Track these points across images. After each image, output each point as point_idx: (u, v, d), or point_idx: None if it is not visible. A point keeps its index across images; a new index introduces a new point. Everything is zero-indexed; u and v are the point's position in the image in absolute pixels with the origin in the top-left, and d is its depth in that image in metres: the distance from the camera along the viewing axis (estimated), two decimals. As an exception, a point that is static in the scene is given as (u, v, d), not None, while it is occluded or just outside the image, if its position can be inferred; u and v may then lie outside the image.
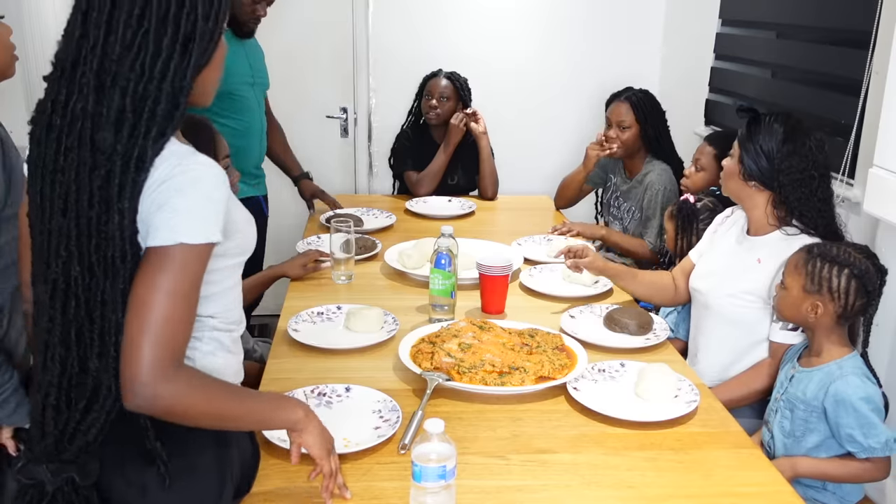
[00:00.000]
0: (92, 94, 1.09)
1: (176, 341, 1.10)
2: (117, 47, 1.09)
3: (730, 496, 1.39)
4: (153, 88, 1.10)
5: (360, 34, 3.78)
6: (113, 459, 1.18)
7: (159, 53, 1.10)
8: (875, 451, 1.65)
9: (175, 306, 1.08)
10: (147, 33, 1.09)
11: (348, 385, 1.66)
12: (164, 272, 1.08)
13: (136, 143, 1.08)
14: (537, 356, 1.78)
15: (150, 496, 1.18)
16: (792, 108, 2.91)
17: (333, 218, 2.51)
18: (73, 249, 1.11)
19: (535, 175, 3.95)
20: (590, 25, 3.92)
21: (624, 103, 2.94)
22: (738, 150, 1.96)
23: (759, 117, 1.95)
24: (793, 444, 1.76)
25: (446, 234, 2.02)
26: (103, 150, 1.08)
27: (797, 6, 2.89)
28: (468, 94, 3.28)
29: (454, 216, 3.06)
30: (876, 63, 2.31)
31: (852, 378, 1.68)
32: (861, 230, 2.35)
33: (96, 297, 1.12)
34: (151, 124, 1.09)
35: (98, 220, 1.09)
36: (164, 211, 1.08)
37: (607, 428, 1.58)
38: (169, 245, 1.08)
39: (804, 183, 1.90)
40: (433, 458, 1.24)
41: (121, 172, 1.08)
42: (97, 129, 1.09)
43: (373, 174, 4.01)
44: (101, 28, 1.10)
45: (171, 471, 1.17)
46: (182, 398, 1.10)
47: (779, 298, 1.82)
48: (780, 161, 1.90)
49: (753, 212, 2.01)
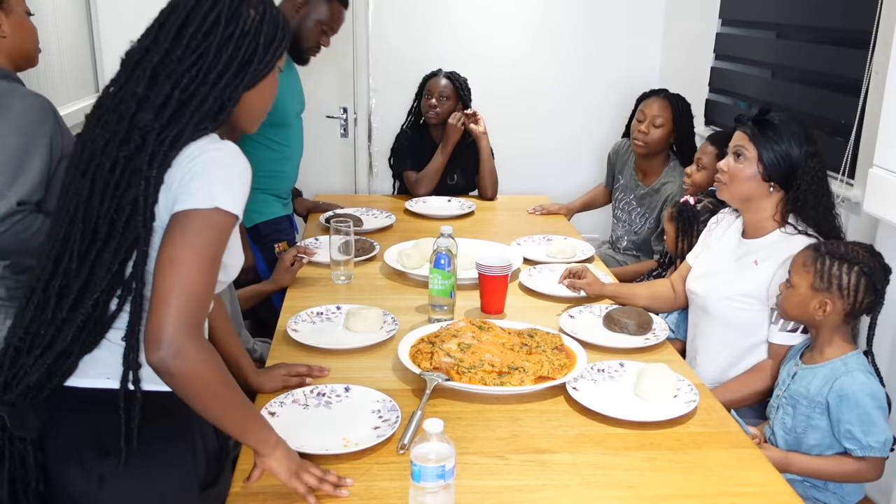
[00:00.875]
0: (145, 81, 1.21)
1: (201, 302, 1.16)
2: (180, 50, 1.22)
3: (729, 496, 1.39)
4: (204, 91, 1.22)
5: (360, 34, 3.78)
6: (68, 452, 1.22)
7: (217, 65, 1.23)
8: (873, 451, 1.65)
9: (204, 267, 1.16)
10: (210, 46, 1.23)
11: (348, 385, 1.66)
12: (197, 233, 1.15)
13: (175, 124, 1.19)
14: (537, 356, 1.78)
15: (107, 486, 1.22)
16: (792, 108, 2.92)
17: (333, 218, 2.51)
18: (81, 208, 1.20)
19: (535, 175, 3.95)
20: (590, 26, 3.92)
21: (662, 100, 2.91)
22: (755, 151, 1.90)
23: (771, 119, 1.91)
24: (794, 440, 1.76)
25: (446, 235, 2.02)
26: (140, 126, 1.19)
27: (797, 6, 2.89)
28: (468, 94, 3.28)
29: (454, 216, 3.06)
30: (876, 63, 2.31)
31: (858, 374, 1.69)
32: (861, 230, 2.35)
33: (90, 255, 1.19)
34: (195, 115, 1.20)
35: (116, 186, 1.18)
36: (201, 178, 1.17)
37: (607, 428, 1.58)
38: (206, 208, 1.16)
39: (820, 183, 1.90)
40: (432, 458, 1.24)
41: (154, 143, 1.17)
42: (139, 110, 1.20)
43: (373, 174, 4.01)
44: (171, 34, 1.23)
45: (129, 461, 1.20)
46: (203, 364, 1.15)
47: (784, 297, 1.81)
48: (805, 161, 1.87)
49: (758, 213, 1.97)
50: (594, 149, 4.07)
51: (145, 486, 1.24)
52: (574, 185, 3.96)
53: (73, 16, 3.57)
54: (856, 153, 2.41)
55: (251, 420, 1.27)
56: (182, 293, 1.13)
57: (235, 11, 1.25)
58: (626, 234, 3.10)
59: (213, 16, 1.24)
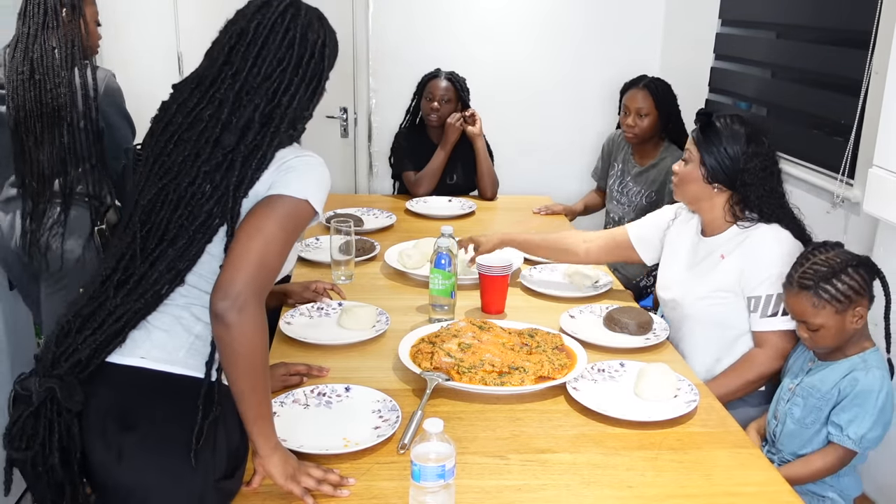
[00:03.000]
0: (228, 106, 1.32)
1: (270, 275, 1.28)
2: (259, 78, 1.34)
3: (729, 496, 1.39)
4: (279, 112, 1.35)
5: (360, 34, 3.78)
6: (94, 424, 1.26)
7: (289, 88, 1.36)
8: (845, 442, 1.67)
9: (281, 245, 1.28)
10: (284, 72, 1.36)
11: (348, 385, 1.66)
12: (286, 214, 1.29)
13: (258, 146, 1.31)
14: (537, 356, 1.78)
15: (125, 461, 1.25)
16: (792, 108, 2.93)
17: (333, 218, 2.51)
18: (153, 214, 1.31)
19: (535, 175, 3.95)
20: (589, 25, 3.92)
21: (642, 90, 2.97)
22: (698, 154, 1.97)
23: (714, 121, 1.97)
24: (800, 430, 1.76)
25: (446, 234, 2.02)
26: (224, 146, 1.31)
27: (797, 6, 2.89)
28: (467, 95, 3.29)
29: (454, 216, 3.06)
30: (876, 63, 2.31)
31: (876, 371, 1.70)
32: (861, 230, 2.35)
33: (154, 253, 1.30)
34: (274, 137, 1.33)
35: (192, 196, 1.30)
36: (297, 172, 1.32)
37: (607, 428, 1.58)
38: (299, 197, 1.30)
39: (766, 180, 1.93)
40: (432, 458, 1.24)
41: (240, 167, 1.30)
42: (224, 132, 1.31)
43: (373, 174, 4.01)
44: (249, 60, 1.34)
45: (148, 439, 1.24)
46: (257, 328, 1.24)
47: (818, 338, 1.73)
48: (745, 161, 1.92)
49: (711, 213, 2.02)
50: (594, 149, 4.05)
51: (162, 466, 1.25)
52: (574, 185, 3.96)
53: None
54: (856, 153, 2.41)
55: (265, 412, 1.30)
56: (259, 260, 1.24)
57: (304, 37, 1.38)
58: (626, 215, 3.11)
59: (287, 42, 1.36)
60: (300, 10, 1.41)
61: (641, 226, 2.27)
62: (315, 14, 1.43)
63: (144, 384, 1.28)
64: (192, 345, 1.32)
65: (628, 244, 2.26)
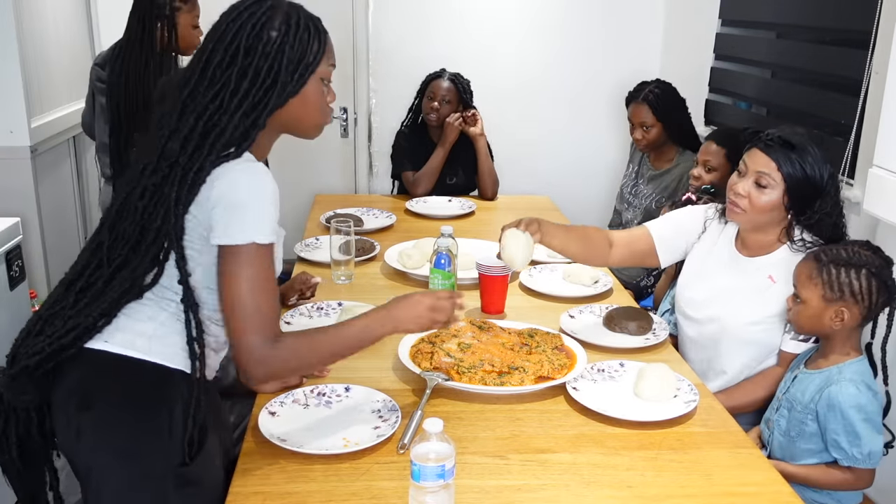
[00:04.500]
0: (176, 114, 1.30)
1: (270, 309, 1.32)
2: (206, 81, 1.30)
3: (729, 496, 1.39)
4: (225, 120, 1.29)
5: (360, 34, 3.78)
6: (61, 405, 1.31)
7: (237, 94, 1.29)
8: (857, 462, 1.64)
9: (260, 289, 1.29)
10: (230, 76, 1.29)
11: (348, 385, 1.66)
12: (246, 267, 1.28)
13: (197, 158, 1.27)
14: (537, 356, 1.78)
15: (83, 440, 1.29)
16: (792, 108, 2.93)
17: (333, 218, 2.51)
18: (115, 225, 1.32)
19: (535, 175, 3.95)
20: (589, 26, 3.92)
21: (642, 105, 2.98)
22: (782, 181, 1.79)
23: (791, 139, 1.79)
24: (788, 443, 1.75)
25: (446, 234, 2.02)
26: (167, 156, 1.28)
27: (797, 6, 2.90)
28: (470, 97, 3.29)
29: (454, 216, 3.06)
30: (876, 63, 2.31)
31: (848, 385, 1.65)
32: (861, 230, 2.35)
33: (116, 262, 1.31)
34: (216, 145, 1.28)
35: (143, 211, 1.29)
36: (232, 213, 1.27)
37: (607, 428, 1.58)
38: (244, 244, 1.27)
39: (836, 205, 1.83)
40: (432, 458, 1.24)
41: (179, 181, 1.26)
42: (170, 140, 1.29)
43: (373, 174, 4.01)
44: (200, 65, 1.31)
45: (104, 419, 1.29)
46: (290, 360, 1.34)
47: (796, 313, 1.74)
48: (826, 185, 1.79)
49: (766, 234, 1.89)
50: (595, 149, 4.07)
51: (115, 447, 1.29)
52: (575, 186, 3.96)
53: (74, 16, 3.57)
54: (856, 153, 2.41)
55: (353, 336, 1.44)
56: (250, 326, 1.29)
57: (255, 38, 1.30)
58: (634, 217, 3.11)
59: (233, 48, 1.30)
60: (262, 5, 1.32)
61: (664, 227, 2.12)
62: (284, 9, 1.33)
63: (105, 367, 1.32)
64: (154, 331, 1.34)
65: (650, 247, 2.09)
